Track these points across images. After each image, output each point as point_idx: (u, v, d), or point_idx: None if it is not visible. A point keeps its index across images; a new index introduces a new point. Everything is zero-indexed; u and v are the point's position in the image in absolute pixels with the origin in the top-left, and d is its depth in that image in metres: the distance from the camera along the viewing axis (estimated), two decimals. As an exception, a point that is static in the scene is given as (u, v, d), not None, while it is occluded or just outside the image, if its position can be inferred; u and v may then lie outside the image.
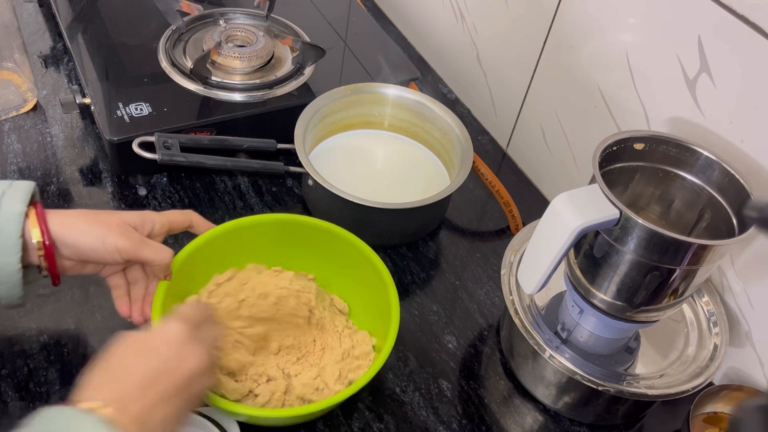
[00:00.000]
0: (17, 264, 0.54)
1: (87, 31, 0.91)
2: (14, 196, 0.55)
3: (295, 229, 0.69)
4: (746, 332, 0.68)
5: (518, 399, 0.69)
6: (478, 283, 0.79)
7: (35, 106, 0.89)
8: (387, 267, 0.63)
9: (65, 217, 0.57)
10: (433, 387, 0.69)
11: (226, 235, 0.66)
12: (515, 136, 0.94)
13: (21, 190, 0.56)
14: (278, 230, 0.69)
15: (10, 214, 0.54)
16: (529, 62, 0.87)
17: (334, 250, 0.68)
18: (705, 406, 0.65)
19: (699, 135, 0.67)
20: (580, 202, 0.54)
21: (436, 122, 0.86)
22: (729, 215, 0.58)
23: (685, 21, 0.65)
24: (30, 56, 0.92)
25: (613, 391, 0.62)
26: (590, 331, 0.65)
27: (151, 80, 0.85)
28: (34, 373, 0.64)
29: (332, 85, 0.85)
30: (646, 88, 0.71)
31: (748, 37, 0.60)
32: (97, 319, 0.69)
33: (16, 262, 0.54)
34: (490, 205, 0.88)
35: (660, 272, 0.55)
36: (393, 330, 0.60)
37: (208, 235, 0.65)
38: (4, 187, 0.56)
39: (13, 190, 0.56)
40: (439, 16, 1.05)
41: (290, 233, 0.69)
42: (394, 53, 0.97)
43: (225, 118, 0.82)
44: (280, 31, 0.94)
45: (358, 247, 0.67)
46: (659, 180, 0.62)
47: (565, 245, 0.55)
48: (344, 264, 0.69)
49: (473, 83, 1.01)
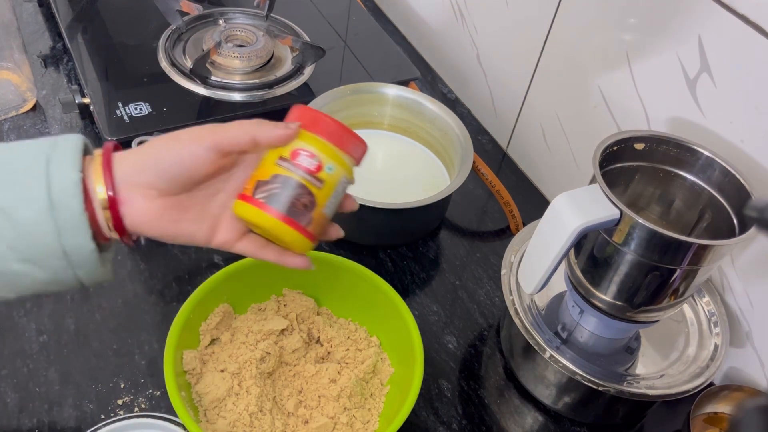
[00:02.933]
0: (91, 243, 0.46)
1: (86, 31, 0.91)
2: (62, 159, 0.45)
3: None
4: (747, 332, 0.68)
5: (518, 399, 0.69)
6: (478, 283, 0.79)
7: (35, 106, 0.89)
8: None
9: (132, 156, 0.48)
10: (433, 387, 0.68)
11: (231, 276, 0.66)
12: (515, 135, 0.94)
13: (68, 149, 0.46)
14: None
15: (64, 184, 0.44)
16: (529, 62, 0.87)
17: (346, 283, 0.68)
18: (705, 406, 0.65)
19: (699, 135, 0.67)
20: (581, 202, 0.54)
21: (436, 122, 0.86)
22: (729, 215, 0.58)
23: (686, 21, 0.65)
24: (29, 56, 0.92)
25: (613, 392, 0.61)
26: (590, 332, 0.65)
27: (151, 80, 0.85)
28: (33, 373, 0.64)
29: (332, 84, 0.85)
30: (647, 87, 0.71)
31: (749, 36, 0.60)
32: (97, 320, 0.69)
33: (88, 241, 0.45)
34: (490, 205, 0.88)
35: (660, 272, 0.55)
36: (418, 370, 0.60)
37: (225, 272, 0.65)
38: (47, 149, 0.46)
39: (59, 153, 0.46)
40: (439, 16, 1.05)
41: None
42: (394, 53, 0.97)
43: (225, 118, 0.82)
44: (280, 30, 0.94)
45: (374, 282, 0.67)
46: (659, 180, 0.62)
47: (565, 245, 0.54)
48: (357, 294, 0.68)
49: (473, 83, 1.01)
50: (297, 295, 0.69)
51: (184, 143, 0.48)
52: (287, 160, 0.49)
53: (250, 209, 0.49)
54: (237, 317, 0.67)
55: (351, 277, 0.67)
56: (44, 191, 0.44)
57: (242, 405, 0.60)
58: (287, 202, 0.48)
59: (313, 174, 0.49)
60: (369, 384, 0.65)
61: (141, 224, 0.48)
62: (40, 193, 0.44)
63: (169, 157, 0.47)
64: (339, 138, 0.50)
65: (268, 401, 0.62)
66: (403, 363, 0.64)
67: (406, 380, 0.61)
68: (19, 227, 0.45)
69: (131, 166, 0.47)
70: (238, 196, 0.50)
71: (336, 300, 0.69)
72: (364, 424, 0.62)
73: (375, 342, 0.67)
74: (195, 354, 0.63)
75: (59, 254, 0.46)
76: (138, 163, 0.48)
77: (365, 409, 0.63)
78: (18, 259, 0.45)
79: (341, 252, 0.79)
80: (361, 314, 0.69)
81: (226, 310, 0.66)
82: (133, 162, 0.48)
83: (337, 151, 0.50)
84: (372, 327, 0.68)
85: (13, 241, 0.45)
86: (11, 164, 0.46)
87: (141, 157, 0.48)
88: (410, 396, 0.59)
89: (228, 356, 0.63)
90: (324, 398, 0.63)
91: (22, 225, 0.44)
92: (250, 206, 0.49)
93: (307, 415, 0.62)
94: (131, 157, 0.48)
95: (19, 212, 0.44)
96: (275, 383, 0.64)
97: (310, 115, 0.51)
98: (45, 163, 0.45)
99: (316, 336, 0.67)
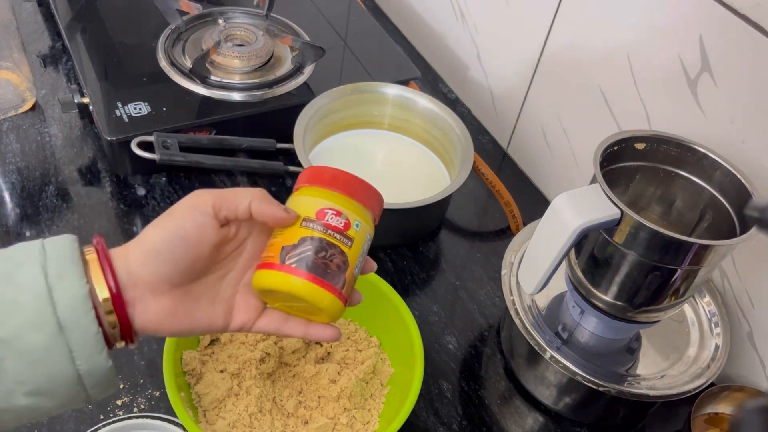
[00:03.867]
0: (107, 363, 0.41)
1: (86, 31, 0.91)
2: (63, 269, 0.40)
3: None
4: (748, 333, 0.68)
5: (519, 400, 0.69)
6: (479, 284, 0.79)
7: (34, 106, 0.89)
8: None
9: (131, 252, 0.43)
10: (433, 388, 0.68)
11: None
12: (516, 135, 0.94)
13: (64, 258, 0.41)
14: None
15: (74, 301, 0.39)
16: (529, 61, 0.87)
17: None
18: (706, 406, 0.64)
19: (700, 135, 0.66)
20: (581, 202, 0.54)
21: (437, 122, 0.86)
22: (730, 215, 0.58)
23: (687, 20, 0.65)
24: (29, 55, 0.92)
25: (614, 392, 0.61)
26: (591, 332, 0.65)
27: (150, 80, 0.84)
28: (32, 373, 0.64)
29: (332, 84, 0.85)
30: (647, 87, 0.71)
31: (750, 36, 0.59)
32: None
33: (105, 361, 0.41)
34: (491, 205, 0.88)
35: (661, 272, 0.55)
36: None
37: None
38: (38, 256, 0.40)
39: (56, 261, 0.40)
40: (440, 16, 1.05)
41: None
42: (393, 53, 0.97)
43: (224, 118, 0.82)
44: (280, 30, 0.94)
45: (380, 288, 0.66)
46: (660, 180, 0.62)
47: (565, 245, 0.54)
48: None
49: (473, 83, 1.00)
50: None
51: (178, 217, 0.44)
52: (313, 220, 0.46)
53: (279, 276, 0.45)
54: None
55: None
56: (50, 312, 0.39)
57: (242, 405, 0.60)
58: (321, 264, 0.45)
59: (342, 233, 0.46)
60: (369, 384, 0.65)
61: (155, 324, 0.44)
62: (45, 315, 0.39)
63: (168, 235, 0.43)
64: (361, 194, 0.48)
65: (268, 402, 0.61)
66: (403, 363, 0.64)
67: (406, 381, 0.61)
68: (27, 357, 0.39)
69: (132, 260, 0.43)
70: (259, 266, 0.46)
71: None
72: (364, 425, 0.62)
73: (375, 342, 0.67)
74: (194, 354, 0.62)
75: (73, 380, 0.41)
76: (138, 255, 0.43)
77: (365, 410, 0.63)
78: (26, 392, 0.40)
79: (341, 252, 0.79)
80: (361, 314, 0.69)
81: None
82: (133, 255, 0.43)
83: (361, 208, 0.48)
84: (372, 327, 0.68)
85: (20, 374, 0.39)
86: (7, 281, 0.40)
87: (139, 247, 0.43)
88: (410, 396, 0.58)
89: (228, 357, 0.63)
90: (324, 399, 0.63)
91: (30, 354, 0.39)
92: (279, 273, 0.45)
93: (307, 416, 0.62)
94: (129, 250, 0.43)
95: (25, 340, 0.39)
96: (275, 384, 0.64)
97: (329, 173, 0.48)
98: (44, 277, 0.39)
99: None
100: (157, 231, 0.44)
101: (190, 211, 0.44)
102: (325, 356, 0.66)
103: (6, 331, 0.39)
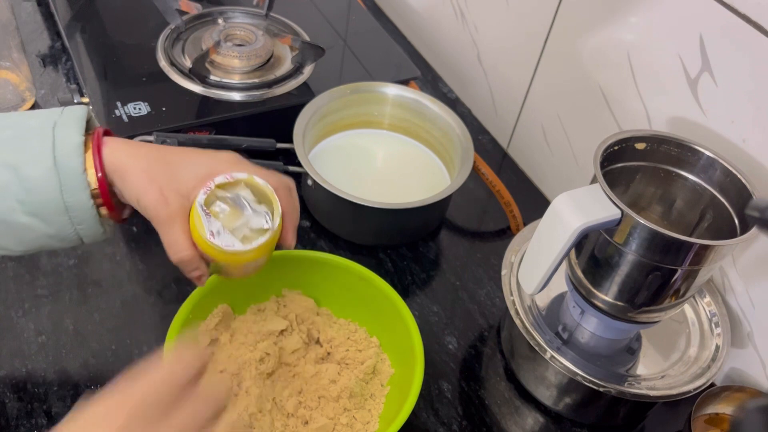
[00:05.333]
0: (89, 200, 0.51)
1: (85, 30, 0.91)
2: (68, 124, 0.51)
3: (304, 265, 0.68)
4: (748, 333, 0.68)
5: (519, 400, 0.69)
6: (479, 284, 0.78)
7: (33, 106, 0.89)
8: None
9: (123, 157, 0.52)
10: (433, 388, 0.68)
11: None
12: (516, 135, 0.94)
13: (74, 116, 0.51)
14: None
15: (68, 147, 0.50)
16: (530, 61, 0.87)
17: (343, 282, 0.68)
18: (707, 407, 0.64)
19: (701, 134, 0.66)
20: (581, 202, 0.54)
21: (437, 122, 0.85)
22: (731, 215, 0.58)
23: (687, 20, 0.65)
24: (28, 55, 0.92)
25: (614, 392, 0.61)
26: (591, 332, 0.65)
27: (150, 79, 0.84)
28: (32, 373, 0.64)
29: (332, 84, 0.85)
30: (648, 87, 0.71)
31: (750, 36, 0.59)
32: (95, 320, 0.68)
33: (87, 199, 0.50)
34: (491, 205, 0.88)
35: (661, 272, 0.55)
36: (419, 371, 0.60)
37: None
38: (55, 115, 0.51)
39: (65, 117, 0.51)
40: (440, 15, 1.05)
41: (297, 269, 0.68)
42: (393, 52, 0.97)
43: (224, 118, 0.82)
44: (280, 30, 0.94)
45: (375, 283, 0.66)
46: (661, 180, 0.62)
47: (566, 245, 0.54)
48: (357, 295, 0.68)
49: (474, 82, 1.00)
50: (296, 296, 0.69)
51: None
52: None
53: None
54: (236, 318, 0.67)
55: (351, 277, 0.67)
56: (50, 152, 0.49)
57: (242, 406, 0.60)
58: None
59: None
60: (369, 385, 0.65)
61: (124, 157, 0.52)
62: (46, 154, 0.49)
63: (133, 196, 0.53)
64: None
65: (268, 402, 0.61)
66: (403, 364, 0.64)
67: (406, 381, 0.61)
68: (27, 183, 0.49)
69: (122, 152, 0.52)
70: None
71: (336, 300, 0.69)
72: (364, 425, 0.62)
73: (375, 342, 0.67)
74: None
75: (62, 209, 0.50)
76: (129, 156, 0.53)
77: (365, 410, 0.63)
78: (25, 212, 0.50)
79: (341, 252, 0.78)
80: (361, 314, 0.69)
81: (225, 310, 0.66)
82: (127, 151, 0.53)
83: None
84: (372, 327, 0.68)
85: (21, 195, 0.49)
86: (24, 126, 0.51)
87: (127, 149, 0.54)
88: (410, 397, 0.58)
89: (227, 357, 0.63)
90: (324, 399, 0.63)
91: (30, 181, 0.49)
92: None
93: (307, 416, 0.62)
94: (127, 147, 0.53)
95: (28, 169, 0.49)
96: (275, 384, 0.63)
97: None
98: (52, 127, 0.50)
99: (315, 336, 0.67)
100: (132, 184, 0.52)
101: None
102: (325, 356, 0.66)
103: (16, 159, 0.49)
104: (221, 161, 0.56)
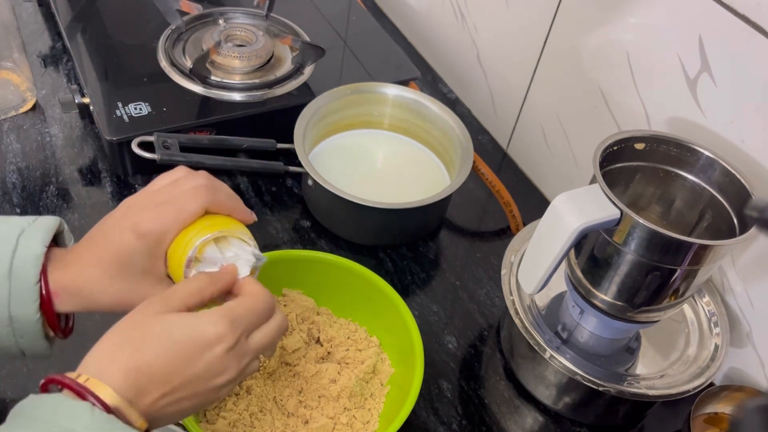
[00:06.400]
0: (36, 314, 0.48)
1: (86, 31, 0.91)
2: (34, 235, 0.49)
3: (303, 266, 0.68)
4: (747, 332, 0.68)
5: (518, 400, 0.69)
6: (479, 284, 0.79)
7: (34, 106, 0.89)
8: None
9: (79, 268, 0.50)
10: (433, 387, 0.68)
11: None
12: (515, 135, 0.94)
13: (42, 228, 0.50)
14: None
15: (26, 257, 0.48)
16: (529, 61, 0.87)
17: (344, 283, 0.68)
18: (706, 406, 0.64)
19: (700, 135, 0.66)
20: (581, 202, 0.54)
21: (436, 122, 0.86)
22: (730, 215, 0.58)
23: (686, 20, 0.65)
24: (29, 56, 0.92)
25: (613, 392, 0.61)
26: (591, 332, 0.65)
27: (151, 80, 0.85)
28: (32, 373, 0.64)
29: (332, 84, 0.85)
30: (647, 87, 0.71)
31: (749, 36, 0.59)
32: (96, 319, 0.68)
33: (34, 312, 0.48)
34: (491, 205, 0.88)
35: (661, 272, 0.55)
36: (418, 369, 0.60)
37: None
38: (25, 224, 0.50)
39: (34, 228, 0.49)
40: (439, 16, 1.05)
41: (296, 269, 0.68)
42: (394, 53, 0.97)
43: (224, 118, 0.82)
44: (280, 30, 0.94)
45: (373, 281, 0.67)
46: (660, 180, 0.62)
47: (565, 245, 0.54)
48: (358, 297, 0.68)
49: (473, 83, 1.00)
50: (297, 295, 0.69)
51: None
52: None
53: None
54: None
55: (351, 277, 0.67)
56: (8, 259, 0.48)
57: (242, 405, 0.60)
58: None
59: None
60: (369, 384, 0.65)
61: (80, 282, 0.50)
62: (4, 261, 0.47)
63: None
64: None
65: (269, 401, 0.62)
66: (403, 363, 0.64)
67: (406, 380, 0.61)
68: None
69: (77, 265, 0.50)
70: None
71: (336, 300, 0.69)
72: (364, 425, 0.62)
73: (375, 342, 0.67)
74: None
75: (5, 321, 0.48)
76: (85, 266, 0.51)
77: (365, 410, 0.63)
78: None
79: (341, 252, 0.79)
80: (361, 314, 0.69)
81: None
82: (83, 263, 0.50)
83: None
84: (372, 327, 0.68)
85: None
86: None
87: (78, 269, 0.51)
88: (410, 396, 0.58)
89: None
90: (324, 398, 0.63)
91: None
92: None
93: (307, 416, 0.62)
94: (72, 265, 0.50)
95: None
96: (275, 383, 0.64)
97: None
98: (18, 235, 0.48)
99: (316, 336, 0.67)
100: (97, 290, 0.51)
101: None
102: (326, 356, 0.66)
103: None
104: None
